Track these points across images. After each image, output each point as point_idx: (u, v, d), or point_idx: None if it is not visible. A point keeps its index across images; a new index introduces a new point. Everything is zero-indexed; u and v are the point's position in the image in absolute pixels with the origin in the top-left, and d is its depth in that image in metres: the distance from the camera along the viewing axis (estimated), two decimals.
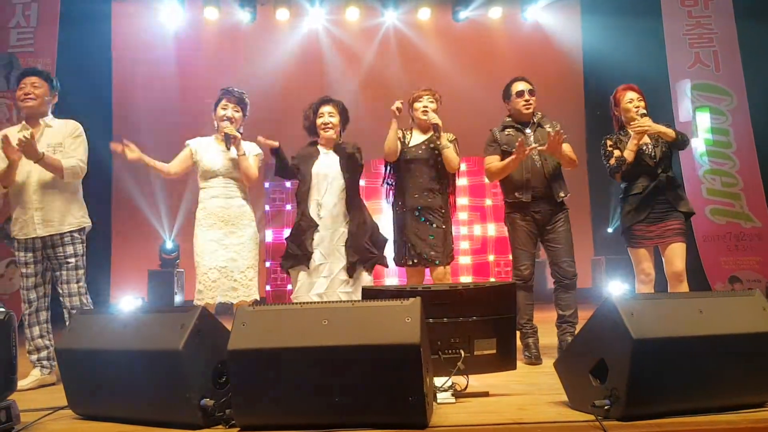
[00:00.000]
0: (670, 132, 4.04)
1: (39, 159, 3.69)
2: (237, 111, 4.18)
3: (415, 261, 4.21)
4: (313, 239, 4.09)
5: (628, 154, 4.06)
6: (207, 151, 4.17)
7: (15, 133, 3.81)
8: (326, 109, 4.27)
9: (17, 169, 3.79)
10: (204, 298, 3.98)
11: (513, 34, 9.87)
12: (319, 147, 4.29)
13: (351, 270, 4.09)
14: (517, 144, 4.07)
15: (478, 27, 9.80)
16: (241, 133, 4.18)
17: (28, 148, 3.64)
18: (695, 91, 7.93)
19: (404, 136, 4.34)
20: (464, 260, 8.30)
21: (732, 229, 7.78)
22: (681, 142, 4.07)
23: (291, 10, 9.54)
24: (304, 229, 4.12)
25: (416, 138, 4.34)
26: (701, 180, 7.81)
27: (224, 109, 4.16)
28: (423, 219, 4.21)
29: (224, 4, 9.39)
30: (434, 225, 4.22)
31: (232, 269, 4.03)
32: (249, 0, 9.27)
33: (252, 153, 4.20)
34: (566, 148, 4.20)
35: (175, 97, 9.22)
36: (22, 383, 3.56)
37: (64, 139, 3.89)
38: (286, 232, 4.56)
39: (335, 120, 4.26)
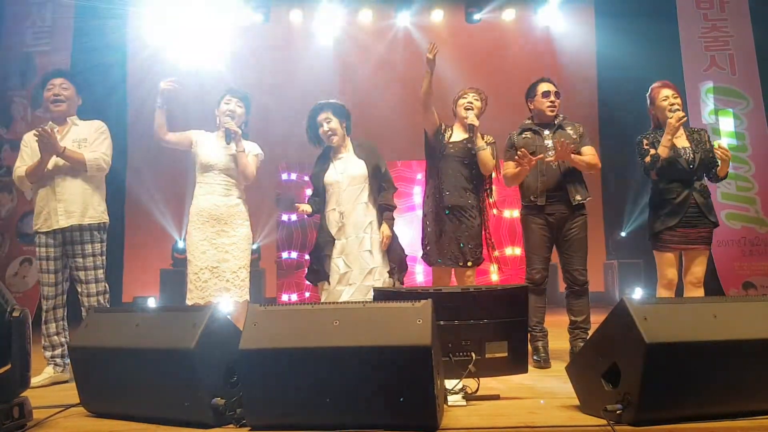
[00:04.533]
0: (725, 167, 4.07)
1: (60, 153, 3.73)
2: (240, 106, 4.16)
3: (441, 260, 4.19)
4: (331, 254, 4.03)
5: (662, 150, 3.99)
6: (206, 144, 4.15)
7: None
8: (322, 116, 4.15)
9: (46, 165, 3.81)
10: (194, 298, 3.97)
11: (526, 37, 9.84)
12: (329, 154, 4.22)
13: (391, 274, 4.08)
14: (518, 154, 4.05)
15: (492, 29, 9.79)
16: (243, 130, 4.15)
17: (47, 142, 3.67)
18: (711, 95, 7.88)
19: (444, 132, 4.29)
20: None
21: (747, 234, 7.71)
22: (722, 179, 4.17)
23: (304, 11, 9.57)
24: (321, 245, 4.08)
25: (456, 135, 4.30)
26: (716, 184, 7.74)
27: (227, 103, 4.15)
28: (455, 218, 4.18)
29: (238, 4, 9.43)
30: (466, 225, 4.19)
31: (224, 269, 4.00)
32: (263, 1, 9.29)
33: (252, 152, 4.17)
34: (587, 150, 4.20)
35: (190, 97, 9.25)
36: (35, 380, 3.57)
37: (89, 135, 3.93)
38: None
39: (334, 125, 4.13)
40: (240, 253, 4.06)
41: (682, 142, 4.12)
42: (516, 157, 4.10)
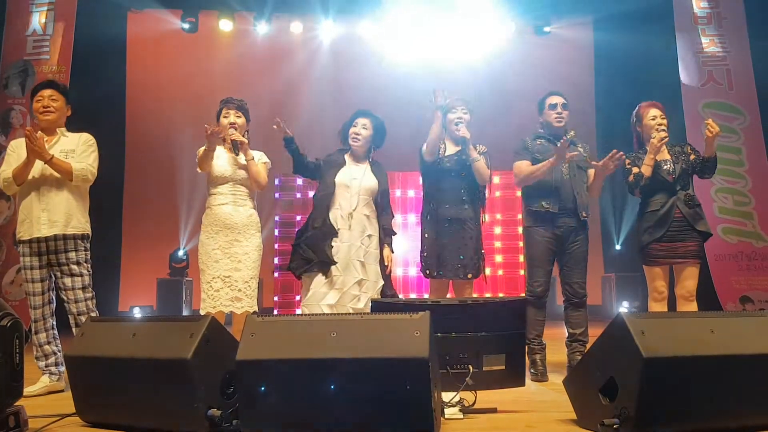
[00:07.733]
0: (713, 151, 4.07)
1: (47, 160, 3.73)
2: (239, 117, 4.20)
3: (441, 272, 4.18)
4: (332, 247, 4.04)
5: (646, 169, 4.05)
6: (217, 157, 4.17)
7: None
8: (361, 120, 4.27)
9: (32, 168, 3.81)
10: (206, 307, 3.97)
11: (525, 51, 9.87)
12: (345, 156, 4.27)
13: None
14: (560, 143, 4.03)
15: (490, 42, 9.81)
16: (246, 138, 4.21)
17: (36, 147, 3.67)
18: (708, 109, 7.92)
19: (438, 147, 4.31)
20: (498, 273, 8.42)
21: (744, 249, 7.71)
22: (713, 165, 4.13)
23: (304, 22, 9.62)
24: (324, 235, 4.05)
25: (449, 149, 4.31)
26: (713, 199, 7.75)
27: (226, 117, 4.19)
28: (454, 231, 4.18)
29: (239, 15, 9.48)
30: (464, 237, 4.19)
31: (236, 279, 4.01)
32: (264, 12, 9.34)
33: (260, 160, 4.21)
34: (593, 173, 4.23)
35: (189, 107, 9.29)
36: (30, 389, 3.57)
37: (77, 146, 3.94)
38: None
39: (365, 133, 4.24)
40: (252, 263, 4.08)
41: (662, 155, 4.16)
42: (558, 145, 4.06)
